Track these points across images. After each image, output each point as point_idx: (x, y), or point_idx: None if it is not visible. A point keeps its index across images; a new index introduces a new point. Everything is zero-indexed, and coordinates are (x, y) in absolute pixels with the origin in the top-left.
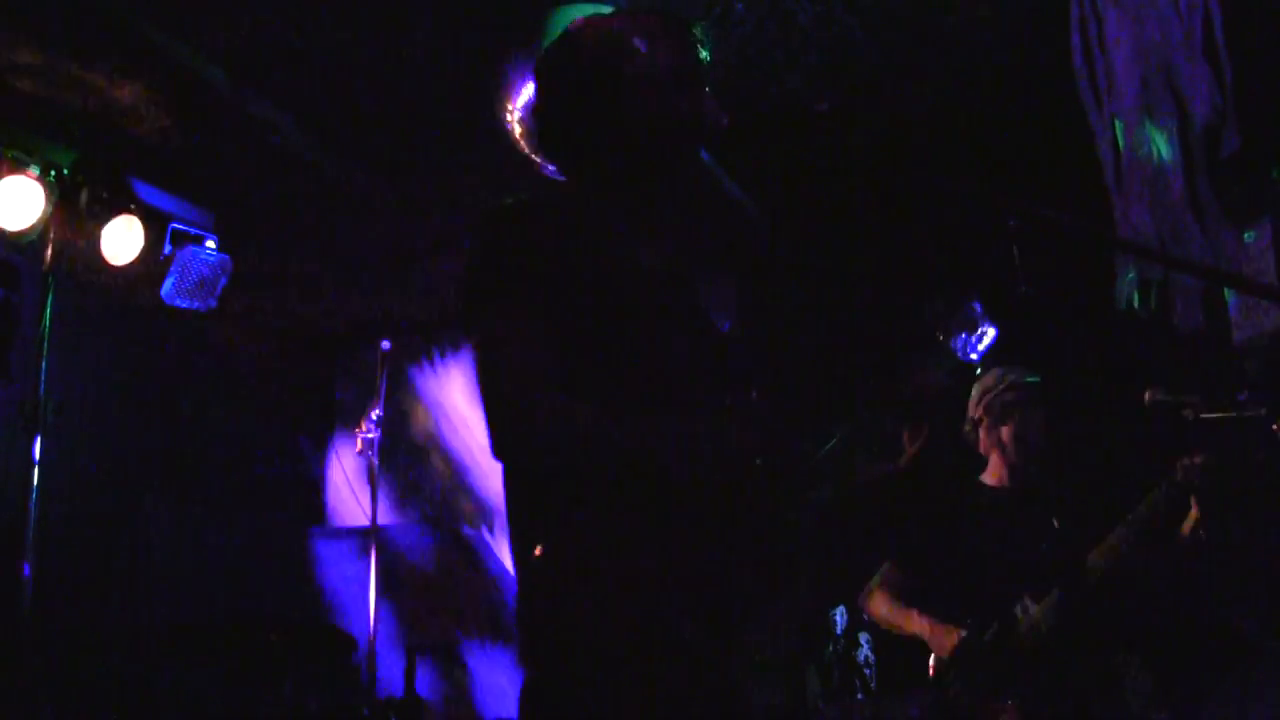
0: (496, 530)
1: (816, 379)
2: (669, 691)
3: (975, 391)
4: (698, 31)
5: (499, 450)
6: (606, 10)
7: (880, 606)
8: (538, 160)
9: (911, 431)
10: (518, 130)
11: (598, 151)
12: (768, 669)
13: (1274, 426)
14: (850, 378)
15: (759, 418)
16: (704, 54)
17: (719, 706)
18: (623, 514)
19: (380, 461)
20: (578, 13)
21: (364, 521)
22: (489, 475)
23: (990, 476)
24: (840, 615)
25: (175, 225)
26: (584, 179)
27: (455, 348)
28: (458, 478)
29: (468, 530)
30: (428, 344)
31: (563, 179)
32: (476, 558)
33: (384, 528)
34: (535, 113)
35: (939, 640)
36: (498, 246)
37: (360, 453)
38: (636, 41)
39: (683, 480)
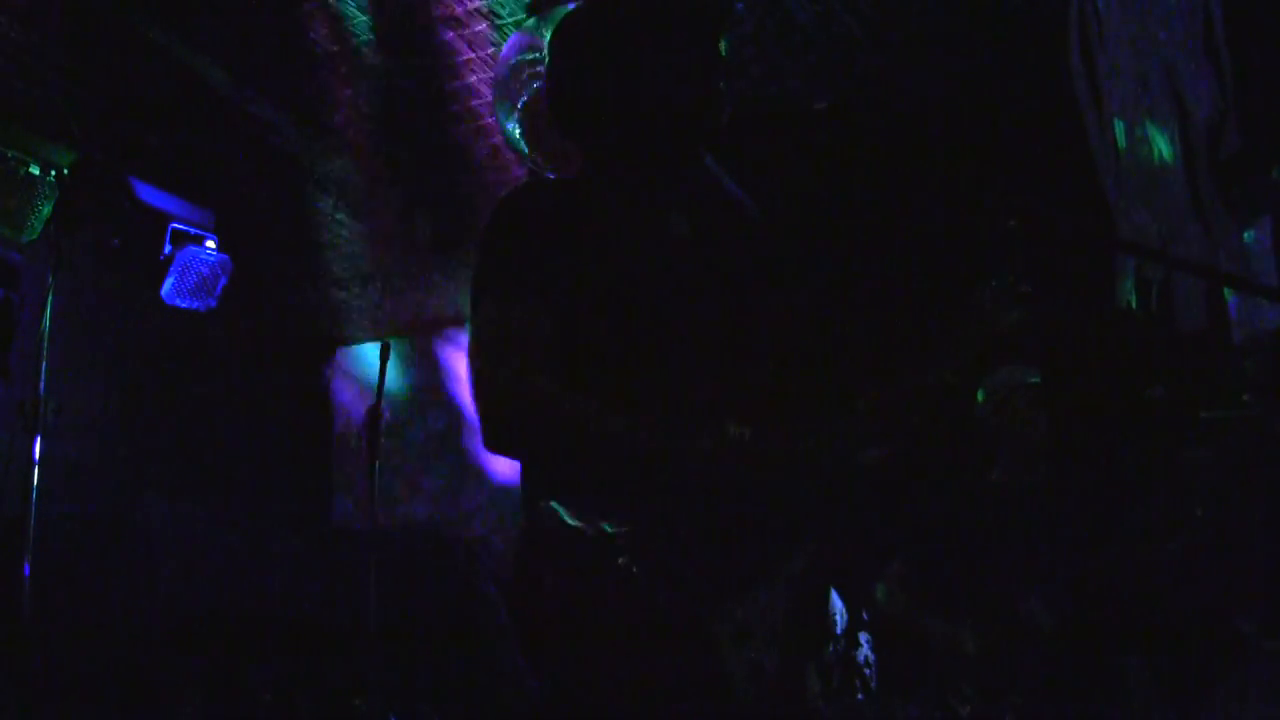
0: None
1: (813, 377)
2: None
3: (980, 393)
4: (723, 21)
5: (488, 440)
6: None
7: (886, 605)
8: (538, 160)
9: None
10: (518, 131)
11: (609, 126)
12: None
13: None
14: (848, 377)
15: (767, 412)
16: (723, 46)
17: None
18: (602, 511)
19: (380, 461)
20: None
21: (364, 521)
22: (490, 475)
23: (994, 475)
24: (840, 615)
25: (175, 225)
26: (598, 156)
27: (456, 346)
28: (458, 477)
29: (466, 535)
30: (428, 343)
31: (558, 177)
32: (476, 563)
33: (384, 528)
34: (549, 80)
35: (945, 638)
36: (508, 229)
37: (360, 452)
38: (658, 20)
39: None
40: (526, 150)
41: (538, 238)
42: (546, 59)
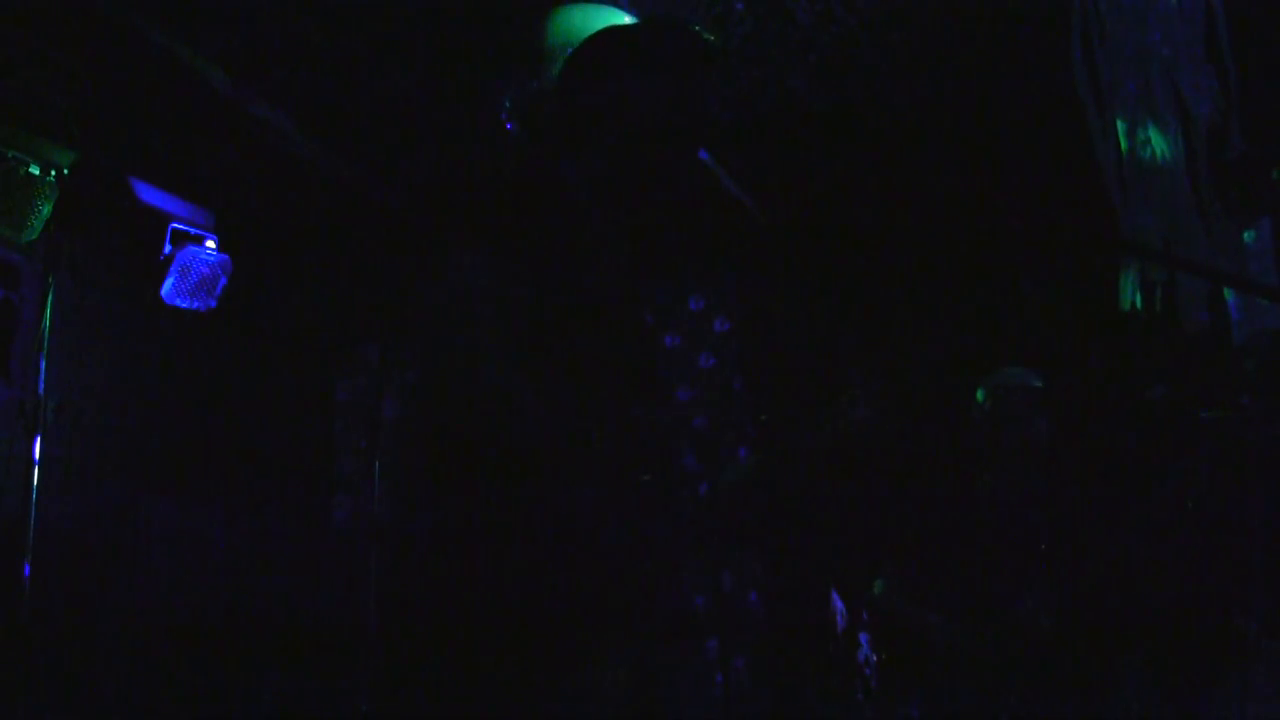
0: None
1: (814, 378)
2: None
3: (980, 393)
4: (711, 40)
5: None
6: (605, 10)
7: (885, 604)
8: (534, 153)
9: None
10: (515, 126)
11: (601, 151)
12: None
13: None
14: (841, 376)
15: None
16: (712, 60)
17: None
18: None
19: (380, 461)
20: (577, 12)
21: (365, 520)
22: (489, 473)
23: (994, 476)
24: (840, 615)
25: (175, 225)
26: (589, 174)
27: (457, 344)
28: (458, 475)
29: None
30: (429, 342)
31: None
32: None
33: (384, 528)
34: (553, 110)
35: (944, 638)
36: (509, 227)
37: (360, 452)
38: (649, 54)
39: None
40: (525, 144)
41: (540, 236)
42: (558, 85)
